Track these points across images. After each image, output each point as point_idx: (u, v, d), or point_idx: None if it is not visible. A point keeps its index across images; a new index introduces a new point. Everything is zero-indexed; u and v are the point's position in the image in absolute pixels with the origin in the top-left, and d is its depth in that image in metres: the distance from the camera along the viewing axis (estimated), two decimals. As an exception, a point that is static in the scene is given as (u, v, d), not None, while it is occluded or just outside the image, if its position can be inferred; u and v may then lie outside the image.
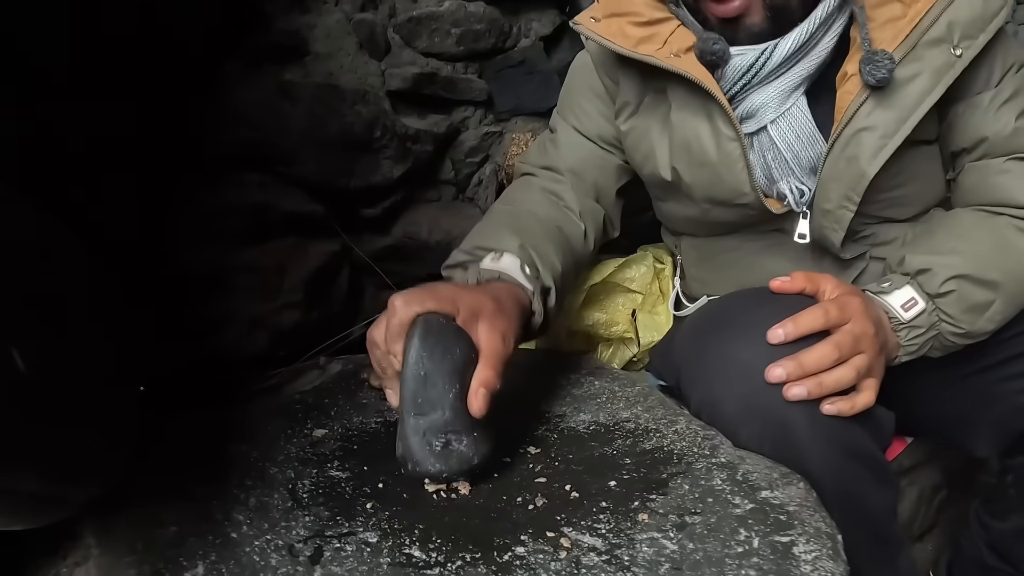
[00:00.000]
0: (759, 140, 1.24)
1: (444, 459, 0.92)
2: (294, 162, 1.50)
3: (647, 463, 1.02)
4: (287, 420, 1.13)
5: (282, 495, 0.93)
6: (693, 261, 1.46)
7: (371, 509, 0.91)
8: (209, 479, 0.96)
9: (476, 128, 1.74)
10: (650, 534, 0.87)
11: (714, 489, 0.95)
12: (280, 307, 1.48)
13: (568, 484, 0.97)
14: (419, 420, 0.93)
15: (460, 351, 0.95)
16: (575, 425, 1.13)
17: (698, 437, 1.07)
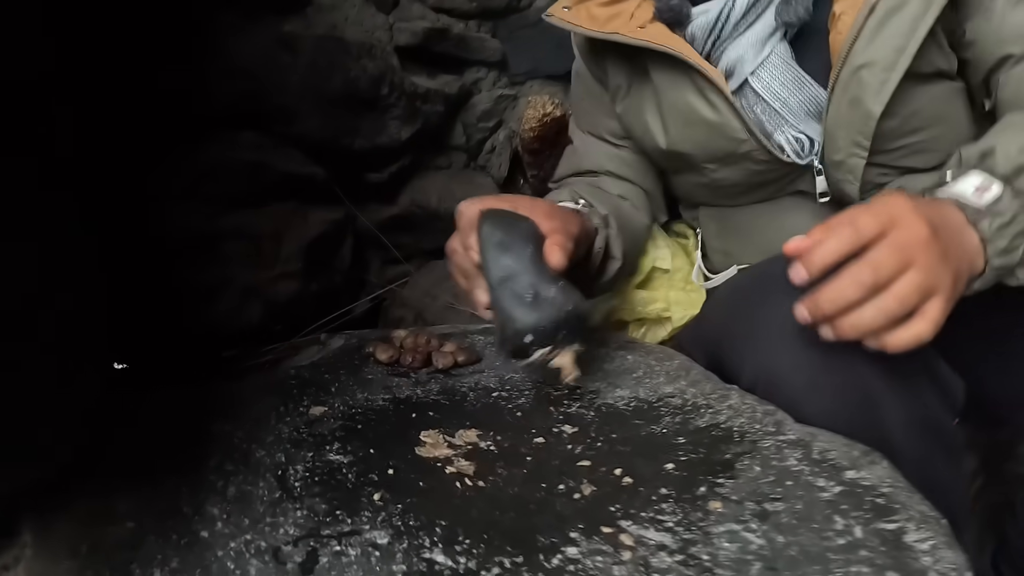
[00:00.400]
0: (744, 96, 1.10)
1: (537, 308, 0.86)
2: (293, 119, 1.27)
3: (705, 442, 0.80)
4: (280, 397, 0.91)
5: (269, 483, 0.70)
6: (714, 233, 1.26)
7: (379, 501, 0.68)
8: (181, 464, 0.74)
9: (489, 91, 1.52)
10: (727, 526, 0.66)
11: (790, 470, 0.74)
12: (276, 276, 1.25)
13: (617, 468, 0.75)
14: (505, 285, 0.87)
15: (527, 225, 0.92)
16: (613, 402, 0.91)
17: (757, 412, 0.86)
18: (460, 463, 0.75)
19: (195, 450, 0.77)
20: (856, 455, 0.76)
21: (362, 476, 0.72)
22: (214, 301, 1.17)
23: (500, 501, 0.69)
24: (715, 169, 1.14)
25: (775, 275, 0.92)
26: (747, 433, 0.81)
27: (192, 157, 1.16)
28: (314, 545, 0.61)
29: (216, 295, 1.17)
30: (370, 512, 0.66)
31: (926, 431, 0.85)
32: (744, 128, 1.07)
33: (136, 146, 1.13)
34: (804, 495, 0.70)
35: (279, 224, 1.26)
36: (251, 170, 1.23)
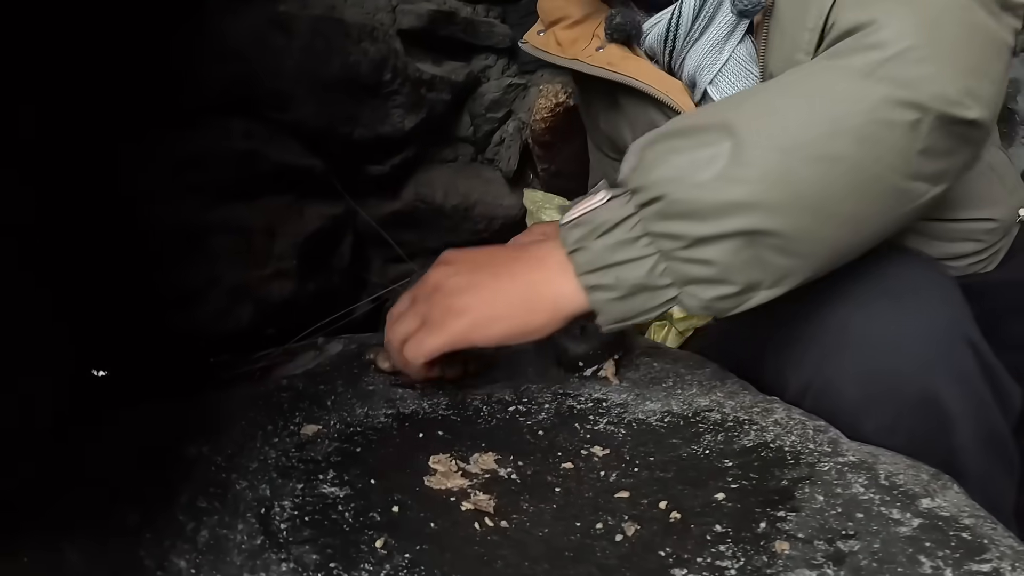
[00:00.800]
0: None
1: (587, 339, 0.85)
2: (288, 105, 1.13)
3: (755, 466, 0.67)
4: (268, 413, 0.77)
5: (249, 526, 0.57)
6: None
7: (382, 549, 0.55)
8: (148, 499, 0.60)
9: (498, 79, 1.37)
10: (801, 572, 0.53)
11: (858, 499, 0.61)
12: (269, 276, 1.11)
13: (662, 500, 0.62)
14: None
15: None
16: (644, 416, 0.77)
17: (808, 429, 0.73)
18: (477, 496, 0.61)
19: (166, 480, 0.63)
20: (926, 479, 0.64)
21: (361, 516, 0.58)
22: (200, 302, 1.03)
23: (528, 547, 0.55)
24: None
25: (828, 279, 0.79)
26: (801, 454, 0.69)
27: (177, 144, 1.02)
28: (300, 614, 0.47)
29: (202, 295, 1.03)
30: (371, 564, 0.53)
31: (990, 446, 0.74)
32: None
33: (116, 133, 0.98)
34: (880, 531, 0.57)
35: (272, 219, 1.12)
36: (242, 159, 1.08)
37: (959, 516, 0.59)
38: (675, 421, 0.77)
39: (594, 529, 0.57)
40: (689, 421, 0.76)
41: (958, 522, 0.58)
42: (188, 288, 1.02)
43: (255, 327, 1.09)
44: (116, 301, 0.93)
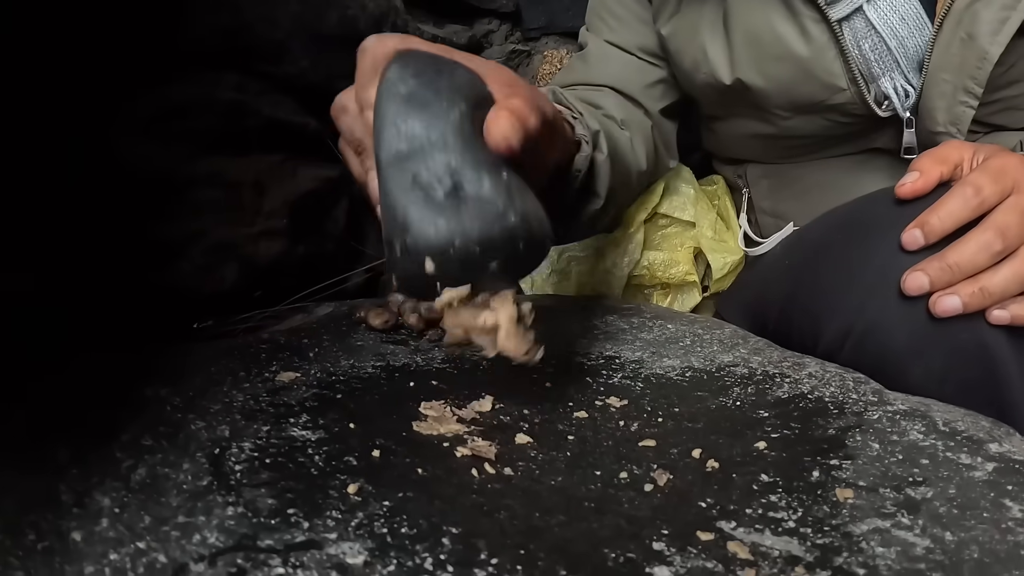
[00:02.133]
0: (851, 27, 0.81)
1: (454, 211, 0.44)
2: (281, 57, 1.00)
3: (795, 415, 0.55)
4: (242, 360, 0.64)
5: (197, 465, 0.44)
6: (765, 192, 0.99)
7: (356, 496, 0.42)
8: (83, 435, 0.47)
9: (501, 44, 1.25)
10: (871, 522, 0.41)
11: (919, 446, 0.50)
12: (257, 234, 0.97)
13: (694, 448, 0.49)
14: (405, 164, 0.46)
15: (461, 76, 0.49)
16: (662, 371, 0.65)
17: (847, 381, 0.61)
18: (476, 443, 0.49)
19: (110, 418, 0.50)
20: (987, 426, 0.54)
21: (334, 460, 0.46)
22: (179, 258, 0.89)
23: (539, 497, 0.42)
24: (788, 117, 0.87)
25: (876, 217, 0.67)
26: (844, 404, 0.57)
27: (161, 90, 0.89)
28: (241, 564, 0.35)
29: (181, 250, 0.90)
30: (340, 512, 0.40)
31: None
32: (845, 73, 0.81)
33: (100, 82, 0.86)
34: (952, 476, 0.46)
35: (262, 176, 0.99)
36: (231, 111, 0.95)
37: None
38: (697, 376, 0.64)
39: (618, 478, 0.45)
40: (713, 375, 0.64)
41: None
42: (166, 242, 0.89)
43: (241, 288, 0.96)
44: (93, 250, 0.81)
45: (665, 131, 0.98)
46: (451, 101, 0.46)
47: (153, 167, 0.89)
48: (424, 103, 0.46)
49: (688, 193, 1.01)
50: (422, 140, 0.45)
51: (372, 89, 0.49)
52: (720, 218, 1.03)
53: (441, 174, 0.44)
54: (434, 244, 0.43)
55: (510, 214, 0.45)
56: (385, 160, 0.46)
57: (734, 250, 0.99)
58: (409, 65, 0.47)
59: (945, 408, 0.57)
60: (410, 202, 0.44)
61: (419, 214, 0.44)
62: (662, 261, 1.01)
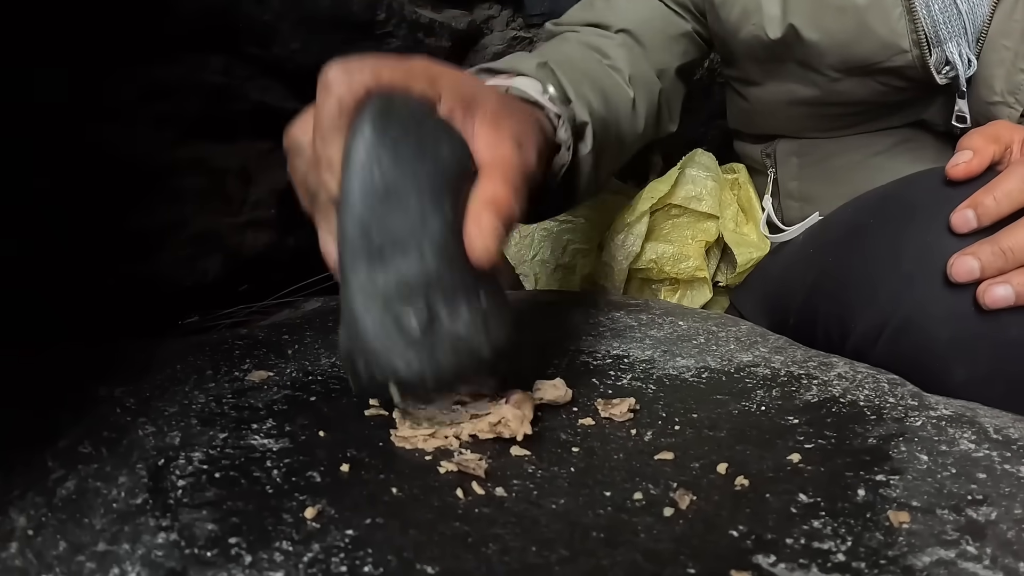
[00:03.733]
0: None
1: (427, 350, 0.40)
2: (271, 40, 0.93)
3: (828, 423, 0.47)
4: (212, 358, 0.57)
5: (134, 479, 0.36)
6: (794, 172, 0.89)
7: (313, 522, 0.34)
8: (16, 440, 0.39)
9: (502, 31, 1.17)
10: (934, 552, 0.34)
11: (972, 456, 0.42)
12: (243, 224, 0.90)
13: (720, 463, 0.41)
14: (375, 274, 0.40)
15: (446, 151, 0.42)
16: (676, 372, 0.57)
17: (881, 383, 0.53)
18: (464, 456, 0.41)
19: (51, 420, 0.42)
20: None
21: (295, 475, 0.38)
22: (160, 248, 0.82)
23: (537, 525, 0.34)
24: (838, 79, 0.78)
25: (910, 200, 0.59)
26: (882, 408, 0.49)
27: (143, 71, 0.82)
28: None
29: (162, 240, 0.82)
30: (291, 543, 0.32)
31: None
32: (909, 34, 0.73)
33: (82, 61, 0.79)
34: (1015, 492, 0.39)
35: (249, 163, 0.91)
36: (216, 94, 0.88)
37: None
38: (715, 377, 0.56)
39: (631, 500, 0.37)
40: (732, 377, 0.56)
41: None
42: (146, 231, 0.81)
43: (226, 280, 0.88)
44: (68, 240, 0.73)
45: (674, 92, 0.89)
46: (434, 202, 0.41)
47: (133, 152, 0.82)
48: (403, 204, 0.40)
49: (707, 184, 0.93)
50: (395, 250, 0.40)
51: (335, 146, 0.42)
52: (740, 209, 0.94)
53: (415, 297, 0.40)
54: (403, 378, 0.39)
55: (484, 350, 0.41)
56: (350, 256, 0.40)
57: (758, 244, 0.90)
58: (386, 136, 0.40)
59: (992, 413, 0.49)
60: (376, 326, 0.39)
61: (387, 343, 0.39)
62: (671, 255, 0.93)
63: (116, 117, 0.81)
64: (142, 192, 0.83)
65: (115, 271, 0.80)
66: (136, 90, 0.83)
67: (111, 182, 0.81)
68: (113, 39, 0.82)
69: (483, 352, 0.41)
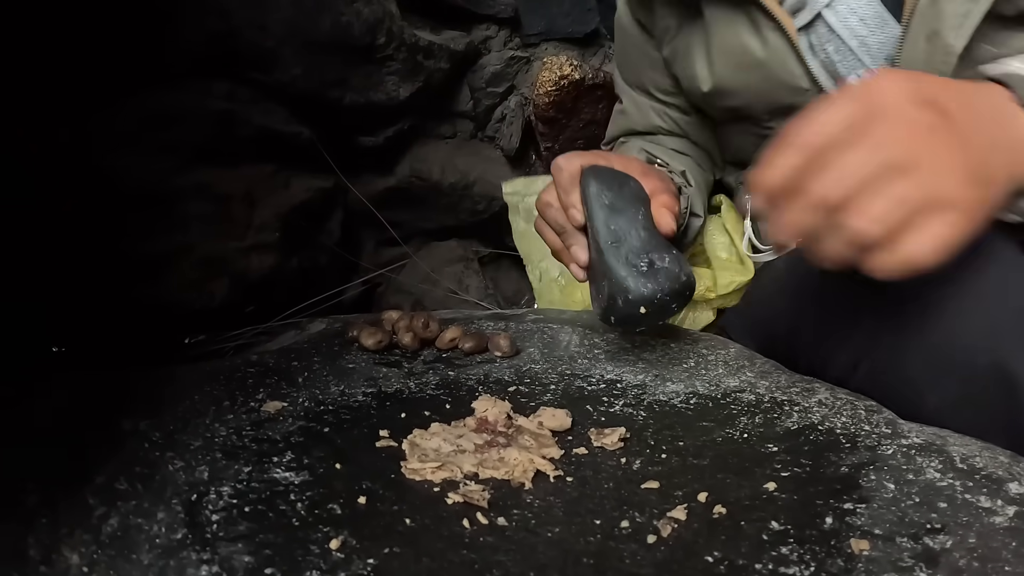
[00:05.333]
0: (816, 32, 0.82)
1: (653, 278, 0.69)
2: (273, 65, 0.98)
3: (806, 451, 0.53)
4: (227, 388, 0.62)
5: (172, 515, 0.41)
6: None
7: (339, 552, 0.39)
8: (55, 477, 0.44)
9: (500, 51, 1.22)
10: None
11: (936, 486, 0.48)
12: (248, 248, 0.95)
13: (700, 492, 0.46)
14: (618, 248, 0.71)
15: (633, 184, 0.76)
16: (666, 398, 0.62)
17: (859, 410, 0.59)
18: (468, 487, 0.46)
19: (84, 456, 0.47)
20: (1006, 462, 0.51)
21: (317, 508, 0.43)
22: (168, 273, 0.87)
23: (534, 552, 0.40)
24: (769, 120, 0.88)
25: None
26: (857, 436, 0.55)
27: (149, 99, 0.87)
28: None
29: (171, 265, 0.87)
30: (321, 572, 0.37)
31: None
32: (806, 74, 0.81)
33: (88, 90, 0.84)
34: (971, 522, 0.44)
35: (253, 187, 0.96)
36: (220, 120, 0.93)
37: None
38: (702, 403, 0.61)
39: (619, 528, 0.42)
40: (719, 403, 0.61)
41: None
42: (155, 257, 0.86)
43: (231, 303, 0.93)
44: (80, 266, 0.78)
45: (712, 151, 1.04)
46: (635, 207, 0.73)
47: (139, 178, 0.87)
48: (621, 210, 0.72)
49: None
50: (625, 233, 0.71)
51: (574, 195, 0.73)
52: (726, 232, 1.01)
53: (640, 255, 0.70)
54: (646, 297, 0.67)
55: (683, 275, 0.69)
56: (604, 246, 0.70)
57: (742, 270, 0.96)
58: (604, 182, 0.73)
59: (962, 441, 0.54)
60: (629, 275, 0.69)
61: (634, 281, 0.68)
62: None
63: (123, 145, 0.86)
64: (150, 218, 0.87)
65: (125, 294, 0.85)
66: (142, 118, 0.88)
67: (120, 208, 0.85)
68: (120, 69, 0.87)
69: (682, 276, 0.68)
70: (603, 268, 0.72)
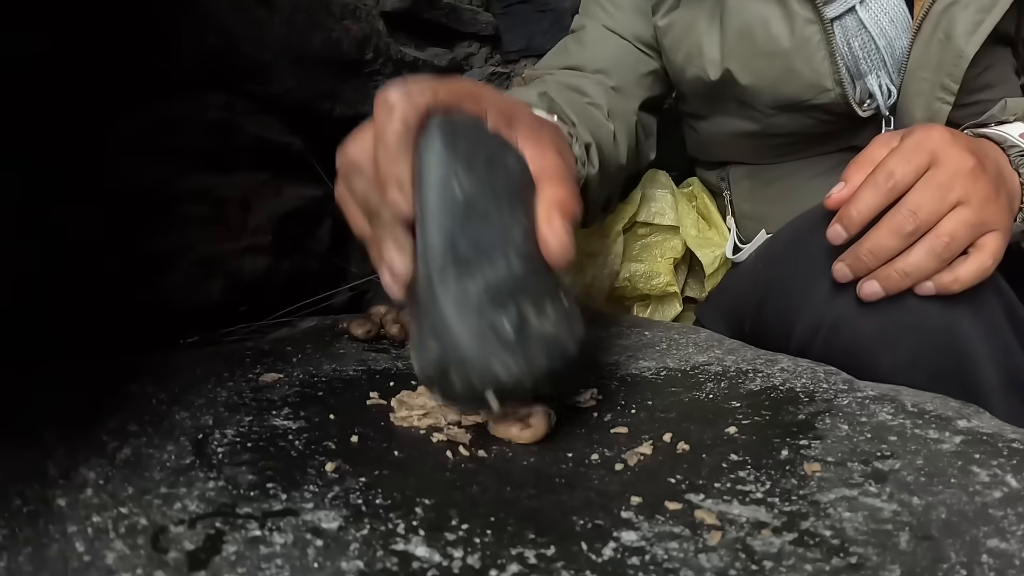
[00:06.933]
0: (843, 25, 0.85)
1: (521, 349, 0.42)
2: (268, 77, 1.03)
3: (766, 404, 0.57)
4: (225, 364, 0.66)
5: (180, 447, 0.45)
6: (746, 194, 1.00)
7: (333, 473, 0.43)
8: (72, 421, 0.48)
9: (482, 67, 1.28)
10: (838, 491, 0.43)
11: (888, 425, 0.52)
12: (243, 249, 0.99)
13: (667, 433, 0.50)
14: (466, 283, 0.42)
15: (512, 163, 0.46)
16: (638, 371, 0.66)
17: (818, 373, 0.63)
18: (452, 431, 0.50)
19: (97, 407, 0.51)
20: (956, 406, 0.56)
21: (313, 444, 0.47)
22: (167, 270, 0.91)
23: (511, 474, 0.44)
24: (772, 115, 0.89)
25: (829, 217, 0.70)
26: (815, 392, 0.59)
27: (150, 107, 0.91)
28: (220, 527, 0.36)
29: (169, 263, 0.91)
30: (317, 487, 0.41)
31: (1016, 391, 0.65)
32: (832, 74, 0.83)
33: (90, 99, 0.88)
34: (920, 449, 0.48)
35: (248, 192, 1.01)
36: (218, 128, 0.98)
37: (1003, 434, 0.50)
38: (672, 375, 0.66)
39: (589, 460, 0.46)
40: (687, 374, 0.66)
41: (1005, 438, 0.49)
42: (154, 255, 0.91)
43: (226, 302, 0.97)
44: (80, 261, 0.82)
45: (648, 123, 1.00)
46: (512, 212, 0.44)
47: (143, 182, 0.91)
48: (484, 214, 0.43)
49: (666, 198, 1.03)
50: (482, 259, 0.42)
51: (403, 164, 0.45)
52: (700, 216, 1.05)
53: (507, 304, 0.42)
54: (502, 383, 0.42)
55: (571, 346, 0.45)
56: (437, 271, 0.42)
57: (719, 243, 1.00)
58: (458, 151, 0.44)
59: (914, 392, 0.58)
60: (473, 335, 0.41)
61: (484, 349, 0.41)
62: (643, 273, 1.03)
63: (129, 151, 0.90)
64: (152, 218, 0.92)
65: (126, 292, 0.89)
66: (146, 126, 0.92)
67: (123, 210, 0.90)
68: (127, 80, 0.92)
69: (570, 348, 0.44)
70: (433, 314, 0.43)
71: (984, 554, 0.36)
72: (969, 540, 0.37)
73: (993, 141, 0.68)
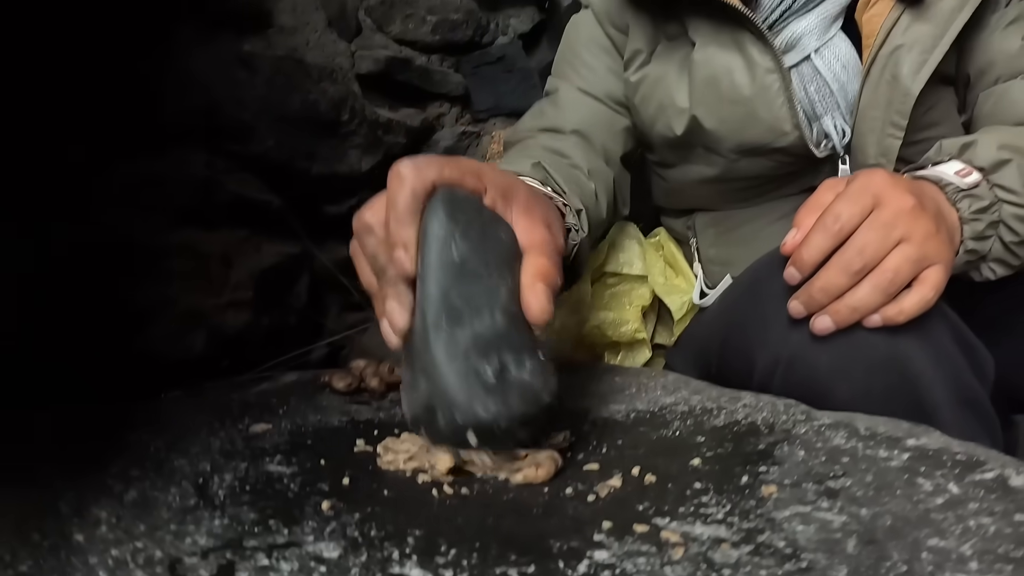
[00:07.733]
0: (799, 72, 0.92)
1: (501, 395, 0.50)
2: (248, 137, 1.08)
3: (729, 438, 0.62)
4: (215, 415, 0.69)
5: (183, 490, 0.49)
6: (711, 240, 1.06)
7: (329, 511, 0.47)
8: (74, 467, 0.52)
9: (452, 127, 1.35)
10: (794, 508, 0.48)
11: (841, 449, 0.57)
12: (225, 304, 1.03)
13: (635, 467, 0.55)
14: (456, 333, 0.51)
15: (503, 235, 0.56)
16: (608, 415, 0.71)
17: (778, 405, 0.68)
18: (436, 472, 0.54)
19: (98, 452, 0.55)
20: (906, 427, 0.61)
21: (308, 486, 0.51)
22: (150, 324, 0.95)
23: (493, 507, 0.48)
24: (736, 160, 0.95)
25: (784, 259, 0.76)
26: (775, 424, 0.64)
27: (135, 164, 0.96)
28: (231, 558, 0.40)
29: (153, 316, 0.95)
30: (316, 522, 0.45)
31: (968, 408, 0.70)
32: (791, 117, 0.90)
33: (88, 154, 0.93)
34: (869, 467, 0.54)
35: (229, 249, 1.05)
36: (201, 186, 1.03)
37: (950, 448, 0.55)
38: (641, 416, 0.71)
39: (563, 493, 0.51)
40: (655, 414, 0.70)
41: (949, 451, 0.55)
42: (138, 308, 0.94)
43: (208, 356, 1.01)
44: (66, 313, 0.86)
45: (623, 179, 1.05)
46: (500, 276, 0.53)
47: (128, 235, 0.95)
48: (476, 275, 0.52)
49: (634, 248, 1.09)
50: (472, 313, 0.51)
51: (409, 229, 0.53)
52: (667, 264, 1.10)
53: (490, 353, 0.50)
54: (482, 422, 0.49)
55: (545, 395, 0.52)
56: (432, 320, 0.50)
57: (686, 290, 1.06)
58: (458, 221, 0.52)
59: (868, 417, 0.63)
60: (459, 377, 0.49)
61: (469, 393, 0.49)
62: (612, 320, 1.08)
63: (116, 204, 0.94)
64: (135, 272, 0.95)
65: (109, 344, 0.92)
66: (132, 182, 0.97)
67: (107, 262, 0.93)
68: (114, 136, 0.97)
69: (544, 396, 0.51)
70: (426, 357, 0.51)
71: (924, 552, 0.41)
72: (911, 541, 0.42)
73: (931, 181, 0.75)
